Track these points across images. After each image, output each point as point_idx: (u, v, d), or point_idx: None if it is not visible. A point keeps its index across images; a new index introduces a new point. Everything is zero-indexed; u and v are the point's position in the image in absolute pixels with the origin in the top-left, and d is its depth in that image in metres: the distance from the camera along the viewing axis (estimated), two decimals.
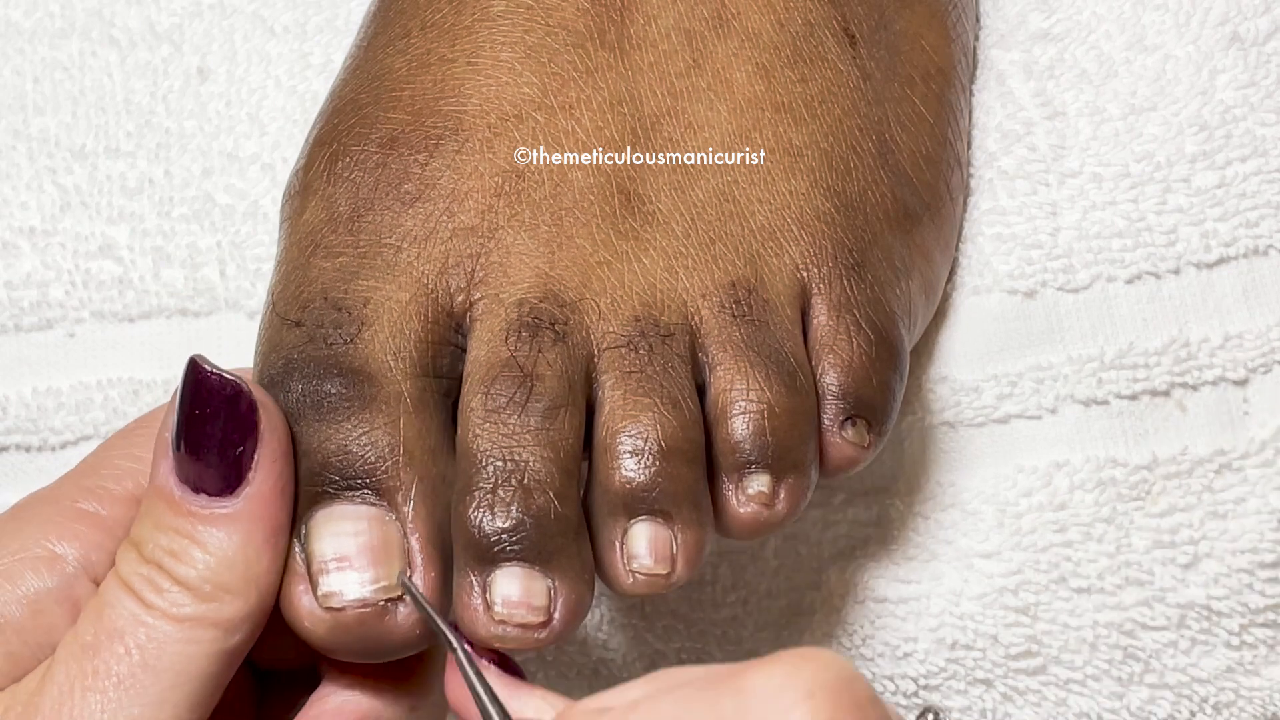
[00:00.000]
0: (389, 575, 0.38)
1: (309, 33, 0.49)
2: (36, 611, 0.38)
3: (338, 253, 0.40)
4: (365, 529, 0.38)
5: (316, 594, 0.38)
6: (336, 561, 0.38)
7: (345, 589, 0.37)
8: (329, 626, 0.38)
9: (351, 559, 0.38)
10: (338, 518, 0.38)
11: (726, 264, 0.41)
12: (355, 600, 0.37)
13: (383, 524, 0.38)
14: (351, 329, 0.39)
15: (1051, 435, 0.46)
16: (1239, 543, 0.45)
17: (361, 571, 0.37)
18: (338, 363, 0.39)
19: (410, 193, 0.41)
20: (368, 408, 0.39)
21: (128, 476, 0.39)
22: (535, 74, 0.42)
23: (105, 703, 0.36)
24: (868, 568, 0.46)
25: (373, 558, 0.38)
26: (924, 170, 0.44)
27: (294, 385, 0.39)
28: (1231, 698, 0.46)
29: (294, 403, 0.39)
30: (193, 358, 0.37)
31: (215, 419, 0.37)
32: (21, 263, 0.48)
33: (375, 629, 0.38)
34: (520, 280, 0.40)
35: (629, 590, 0.39)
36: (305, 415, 0.39)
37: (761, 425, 0.39)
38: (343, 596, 0.37)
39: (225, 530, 0.37)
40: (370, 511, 0.38)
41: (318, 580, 0.38)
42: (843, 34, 0.44)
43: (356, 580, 0.37)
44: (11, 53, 0.50)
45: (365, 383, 0.39)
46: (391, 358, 0.39)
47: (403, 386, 0.39)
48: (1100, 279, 0.46)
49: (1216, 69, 0.47)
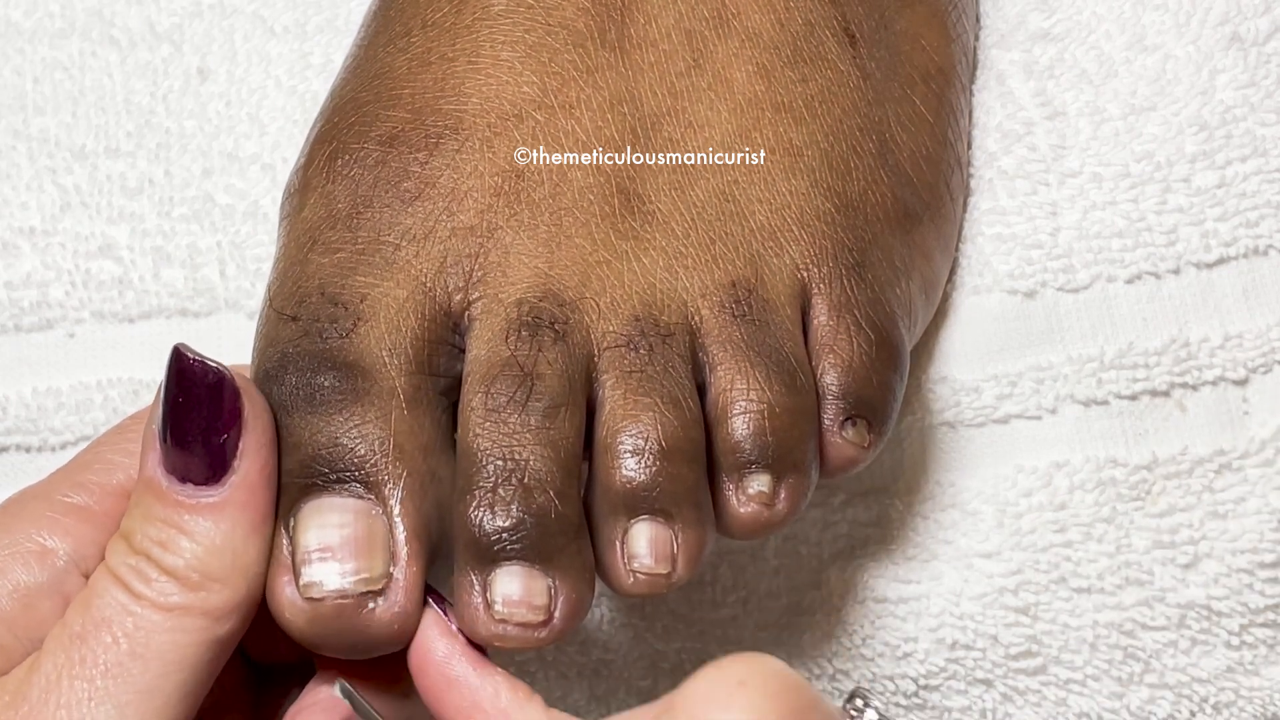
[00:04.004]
0: (370, 569, 0.38)
1: (309, 33, 0.49)
2: (27, 605, 0.38)
3: (336, 249, 0.40)
4: (350, 521, 0.38)
5: (299, 584, 0.38)
6: (319, 552, 0.38)
7: (325, 579, 0.37)
8: (308, 617, 0.38)
9: (334, 550, 0.38)
10: (325, 509, 0.38)
11: (727, 264, 0.41)
12: (334, 590, 0.37)
13: (368, 517, 0.38)
14: (347, 324, 0.39)
15: (1051, 435, 0.46)
16: (1239, 542, 0.45)
17: (343, 563, 0.37)
18: (332, 357, 0.39)
19: (409, 191, 0.41)
20: (360, 401, 0.38)
21: (119, 470, 0.39)
22: (535, 73, 0.42)
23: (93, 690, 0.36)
24: (868, 568, 0.46)
25: (355, 550, 0.38)
26: (924, 170, 0.44)
27: (288, 378, 0.39)
28: (1231, 698, 0.46)
29: (288, 395, 0.39)
30: (176, 346, 0.37)
31: (199, 407, 0.37)
32: (21, 263, 0.48)
33: (353, 621, 0.37)
34: (520, 280, 0.40)
35: (629, 590, 0.39)
36: (298, 407, 0.39)
37: (762, 425, 0.39)
38: (322, 587, 0.37)
39: (212, 519, 0.37)
40: (357, 504, 0.38)
41: (300, 570, 0.38)
42: (843, 34, 0.44)
43: (337, 571, 0.37)
44: (11, 53, 0.50)
45: (359, 377, 0.39)
46: (386, 353, 0.39)
47: (396, 382, 0.39)
48: (1100, 279, 0.46)
49: (1216, 69, 0.47)
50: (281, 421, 0.39)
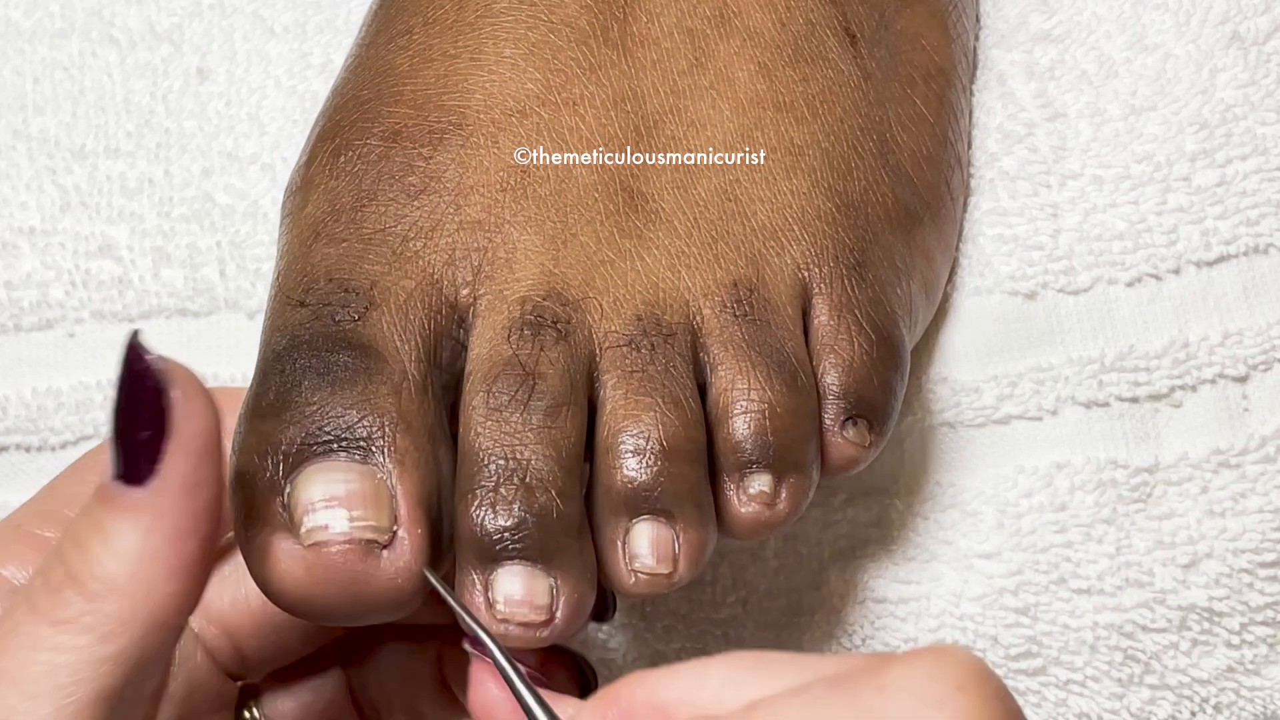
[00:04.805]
0: (377, 518, 0.37)
1: (309, 33, 0.49)
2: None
3: (341, 239, 0.40)
4: (356, 479, 0.37)
5: (299, 533, 0.36)
6: (325, 501, 0.37)
7: (332, 522, 0.36)
8: (307, 566, 0.36)
9: (340, 499, 0.37)
10: (329, 469, 0.37)
11: (728, 263, 0.41)
12: (340, 534, 0.36)
13: (374, 479, 0.37)
14: (359, 308, 0.39)
15: (1052, 436, 0.46)
16: (1239, 541, 0.45)
17: (350, 510, 0.36)
18: (346, 338, 0.38)
19: (415, 185, 0.41)
20: (373, 380, 0.38)
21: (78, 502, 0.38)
22: (538, 70, 0.42)
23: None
24: (868, 568, 0.46)
25: (362, 500, 0.37)
26: (925, 170, 0.44)
27: (299, 358, 0.38)
28: (1232, 698, 0.46)
29: (297, 371, 0.38)
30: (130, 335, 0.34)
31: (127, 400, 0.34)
32: (21, 263, 0.48)
33: (358, 570, 0.36)
34: (525, 277, 0.40)
35: (631, 590, 0.39)
36: (308, 378, 0.38)
37: (763, 425, 0.39)
38: (328, 530, 0.36)
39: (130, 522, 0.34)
40: (363, 467, 0.37)
41: (302, 520, 0.36)
42: (844, 33, 0.44)
43: (345, 516, 0.36)
44: (11, 53, 0.50)
45: (373, 358, 0.38)
46: (398, 339, 0.39)
47: (408, 368, 0.39)
48: (1101, 281, 0.46)
49: (1217, 68, 0.47)
50: (288, 396, 0.38)
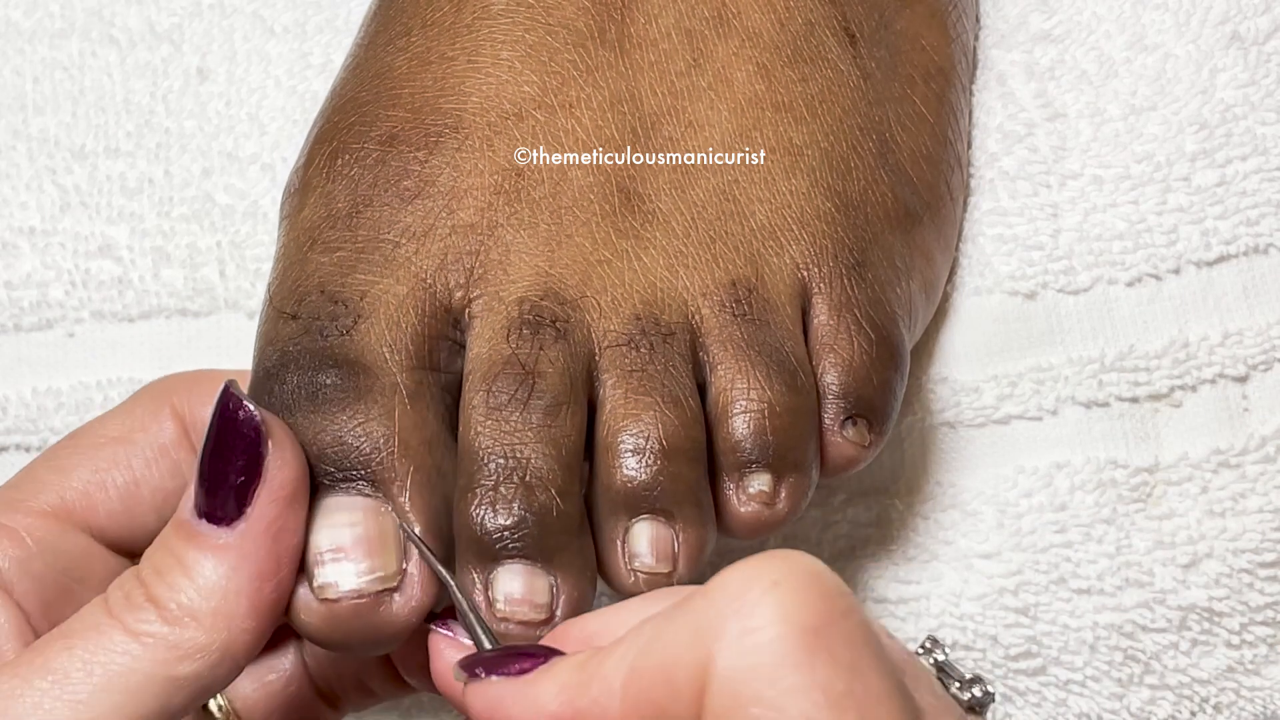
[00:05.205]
0: (384, 566, 0.37)
1: (309, 33, 0.49)
2: None
3: (335, 247, 0.40)
4: (360, 520, 0.38)
5: (312, 586, 0.37)
6: (332, 553, 0.37)
7: (341, 580, 0.37)
8: (323, 618, 0.37)
9: (347, 550, 0.37)
10: (333, 509, 0.38)
11: (727, 263, 0.41)
12: (350, 591, 0.37)
13: (378, 515, 0.38)
14: (347, 321, 0.39)
15: (1052, 436, 0.46)
16: (1239, 541, 0.45)
17: (357, 562, 0.37)
18: (333, 354, 0.39)
19: (409, 189, 0.41)
20: (363, 399, 0.38)
21: (48, 489, 0.39)
22: (535, 72, 0.42)
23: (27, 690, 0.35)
24: (868, 568, 0.46)
25: (368, 549, 0.37)
26: (924, 170, 0.44)
27: (289, 377, 0.39)
28: (1232, 698, 0.46)
29: (290, 394, 0.39)
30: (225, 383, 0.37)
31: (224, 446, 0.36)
32: (21, 263, 0.48)
33: (371, 620, 0.37)
34: (520, 278, 0.40)
35: (630, 590, 0.39)
36: (301, 407, 0.38)
37: (762, 424, 0.39)
38: (338, 588, 0.37)
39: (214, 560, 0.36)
40: (365, 503, 0.38)
41: (313, 572, 0.37)
42: (843, 33, 0.44)
43: (352, 571, 0.37)
44: (11, 53, 0.50)
45: (361, 374, 0.39)
46: (387, 350, 0.39)
47: (398, 378, 0.39)
48: (1101, 281, 0.46)
49: (1217, 68, 0.47)
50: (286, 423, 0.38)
